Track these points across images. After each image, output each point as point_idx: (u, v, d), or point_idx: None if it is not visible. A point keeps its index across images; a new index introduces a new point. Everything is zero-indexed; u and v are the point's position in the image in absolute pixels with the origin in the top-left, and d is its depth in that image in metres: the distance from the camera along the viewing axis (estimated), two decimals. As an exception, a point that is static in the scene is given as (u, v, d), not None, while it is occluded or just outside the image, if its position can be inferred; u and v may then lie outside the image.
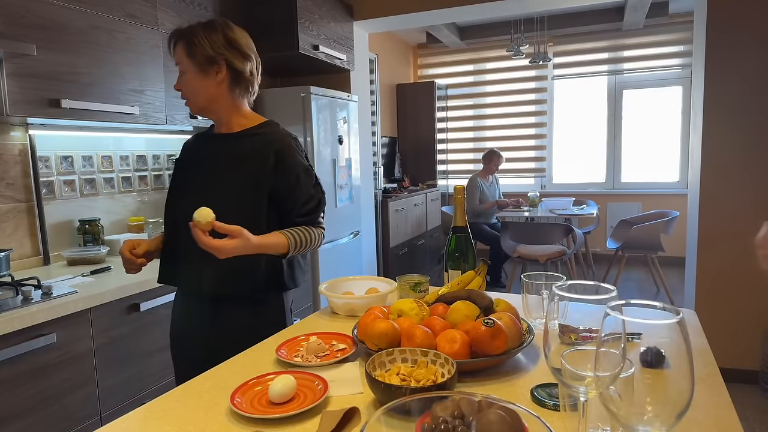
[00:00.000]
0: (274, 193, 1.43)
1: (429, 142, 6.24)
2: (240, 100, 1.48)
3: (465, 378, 1.00)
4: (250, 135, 1.47)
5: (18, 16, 1.80)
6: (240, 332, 1.40)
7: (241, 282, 1.42)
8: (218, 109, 1.47)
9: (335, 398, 0.94)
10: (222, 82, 1.43)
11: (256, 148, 1.44)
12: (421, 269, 5.45)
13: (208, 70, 1.41)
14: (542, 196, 5.76)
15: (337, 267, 3.33)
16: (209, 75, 1.41)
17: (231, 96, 1.46)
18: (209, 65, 1.40)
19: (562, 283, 0.71)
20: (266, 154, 1.42)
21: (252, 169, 1.42)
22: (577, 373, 0.65)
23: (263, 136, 1.46)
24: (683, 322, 0.54)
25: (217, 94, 1.44)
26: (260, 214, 1.41)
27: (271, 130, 1.48)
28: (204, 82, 1.41)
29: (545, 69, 6.25)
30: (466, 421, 0.59)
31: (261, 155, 1.42)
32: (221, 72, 1.42)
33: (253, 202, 1.41)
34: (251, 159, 1.43)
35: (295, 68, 3.54)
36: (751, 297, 2.93)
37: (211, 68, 1.41)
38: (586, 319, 0.67)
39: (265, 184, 1.41)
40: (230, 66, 1.42)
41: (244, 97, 1.49)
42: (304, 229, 1.47)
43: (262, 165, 1.41)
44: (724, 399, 0.88)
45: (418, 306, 1.19)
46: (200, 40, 1.39)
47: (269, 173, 1.41)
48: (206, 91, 1.42)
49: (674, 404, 0.54)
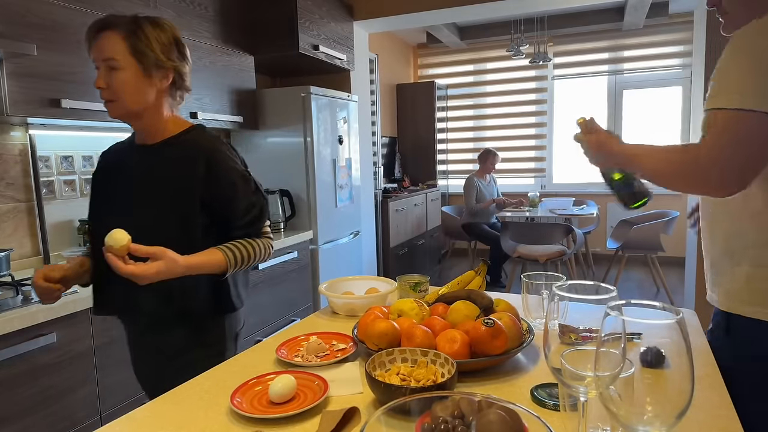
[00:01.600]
0: (209, 206, 1.29)
1: (429, 142, 6.23)
2: (173, 108, 1.36)
3: (465, 378, 1.00)
4: (176, 143, 1.33)
5: (18, 15, 1.80)
6: (184, 360, 1.30)
7: (182, 304, 1.29)
8: (149, 116, 1.31)
9: (335, 398, 0.94)
10: (163, 90, 1.30)
11: (183, 156, 1.30)
12: (421, 269, 5.45)
13: (153, 75, 1.26)
14: (542, 196, 5.76)
15: (337, 267, 3.33)
16: (152, 80, 1.27)
17: (167, 104, 1.33)
18: (156, 70, 1.26)
19: (562, 283, 0.71)
20: (195, 162, 1.28)
21: (180, 180, 1.28)
22: (577, 373, 0.65)
23: (190, 142, 1.32)
24: (683, 322, 0.54)
25: (154, 102, 1.29)
26: (192, 230, 1.28)
27: (197, 136, 1.34)
28: (145, 86, 1.26)
29: (545, 69, 6.25)
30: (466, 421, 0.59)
31: (189, 164, 1.28)
32: (167, 79, 1.29)
33: (184, 217, 1.28)
34: (179, 169, 1.29)
35: (295, 68, 3.54)
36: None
37: (157, 73, 1.27)
38: (586, 319, 0.67)
39: (195, 196, 1.27)
40: (177, 73, 1.30)
41: (177, 104, 1.37)
42: (245, 242, 1.33)
43: (190, 175, 1.27)
44: (724, 399, 0.88)
45: (418, 306, 1.19)
46: (149, 40, 1.25)
47: (200, 183, 1.27)
48: (144, 97, 1.27)
49: (674, 404, 0.54)
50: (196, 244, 1.26)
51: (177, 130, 1.34)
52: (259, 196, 1.37)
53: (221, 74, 2.75)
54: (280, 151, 3.11)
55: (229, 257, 1.28)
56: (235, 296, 1.37)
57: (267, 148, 3.15)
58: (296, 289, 2.92)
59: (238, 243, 1.32)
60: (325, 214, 3.18)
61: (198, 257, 1.23)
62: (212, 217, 1.31)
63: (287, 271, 2.83)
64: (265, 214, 1.39)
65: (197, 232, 1.28)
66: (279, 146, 3.11)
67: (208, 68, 2.66)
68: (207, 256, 1.25)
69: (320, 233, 3.12)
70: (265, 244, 1.38)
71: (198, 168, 1.28)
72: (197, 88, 2.57)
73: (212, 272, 1.27)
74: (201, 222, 1.29)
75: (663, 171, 1.07)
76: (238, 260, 1.30)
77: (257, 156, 3.17)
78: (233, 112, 2.84)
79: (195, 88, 2.55)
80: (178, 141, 1.33)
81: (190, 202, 1.27)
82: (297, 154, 3.07)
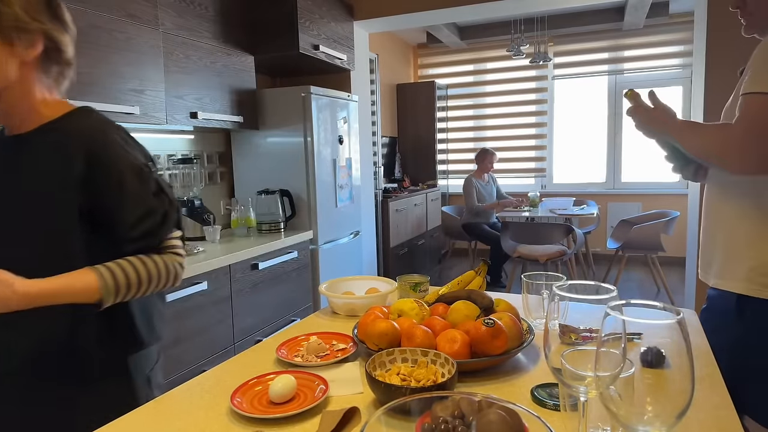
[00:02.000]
0: (93, 212, 1.02)
1: (429, 142, 6.24)
2: (49, 88, 1.06)
3: (465, 378, 1.00)
4: (49, 130, 1.03)
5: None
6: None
7: (58, 353, 1.02)
8: (12, 98, 1.01)
9: (335, 398, 0.94)
10: (30, 62, 1.00)
11: (57, 147, 1.01)
12: (422, 269, 5.45)
13: (14, 43, 0.97)
14: (542, 196, 5.76)
15: (337, 267, 3.33)
16: (14, 49, 0.98)
17: (37, 81, 1.03)
18: (17, 35, 0.97)
19: (563, 283, 0.71)
20: (71, 154, 1.00)
21: (49, 179, 1.00)
22: (577, 373, 0.65)
23: (68, 130, 1.03)
24: (683, 322, 0.54)
25: (18, 78, 1.00)
26: (66, 246, 1.01)
27: (78, 120, 1.04)
28: (3, 57, 0.97)
29: (545, 69, 6.25)
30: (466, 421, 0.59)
31: (63, 157, 1.00)
32: (33, 48, 1.00)
33: (53, 229, 1.00)
34: (49, 164, 1.01)
35: (295, 68, 3.54)
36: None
37: (19, 40, 0.97)
38: (586, 319, 0.67)
39: (70, 200, 1.00)
40: (49, 40, 1.01)
41: (56, 85, 1.08)
42: (137, 260, 1.03)
43: (64, 173, 1.00)
44: (724, 399, 0.88)
45: (419, 306, 1.19)
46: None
47: (76, 182, 1.00)
48: (3, 71, 0.97)
49: (674, 404, 0.54)
50: (73, 263, 0.99)
51: (54, 114, 1.05)
52: (163, 200, 1.07)
53: (221, 74, 2.75)
54: (280, 151, 3.11)
55: (106, 281, 0.98)
56: (144, 326, 1.08)
57: (267, 148, 3.14)
58: (296, 289, 2.92)
59: (125, 262, 1.02)
60: (325, 214, 3.18)
61: (52, 282, 0.94)
62: (97, 228, 1.02)
63: (287, 271, 2.83)
64: (169, 224, 1.08)
65: (74, 248, 1.01)
66: (279, 146, 3.11)
67: (209, 68, 2.66)
68: (69, 279, 0.96)
69: (320, 233, 3.12)
70: (167, 263, 1.06)
71: (74, 162, 1.00)
72: (197, 87, 2.57)
73: (80, 300, 0.97)
74: (81, 235, 1.01)
75: (700, 145, 1.20)
76: (120, 285, 0.99)
77: (257, 156, 3.17)
78: (233, 112, 2.84)
79: (195, 87, 2.55)
80: (53, 128, 1.04)
81: (64, 209, 1.00)
82: (297, 154, 3.07)
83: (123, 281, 1.00)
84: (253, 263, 2.53)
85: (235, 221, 2.91)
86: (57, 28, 1.03)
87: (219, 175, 3.20)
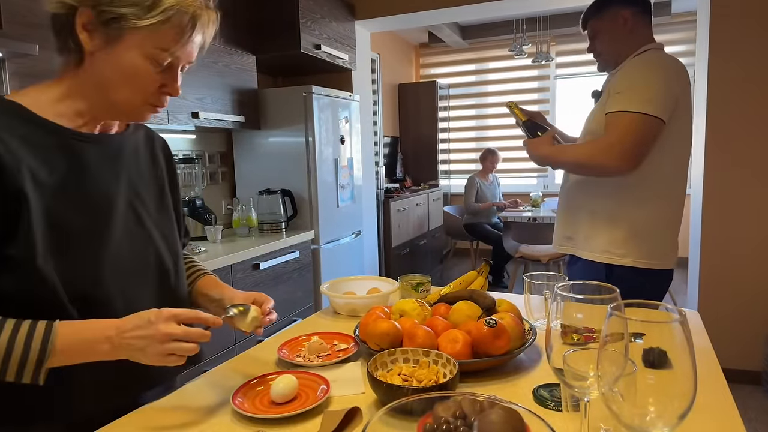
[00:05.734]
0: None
1: (431, 141, 6.23)
2: None
3: (467, 378, 0.99)
4: (136, 129, 1.05)
5: (20, 15, 1.80)
6: None
7: None
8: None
9: (337, 398, 0.94)
10: None
11: (150, 147, 1.08)
12: (423, 269, 5.45)
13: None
14: (544, 196, 5.75)
15: (338, 267, 3.33)
16: None
17: None
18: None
19: (565, 284, 0.70)
20: (156, 154, 1.09)
21: (155, 178, 1.06)
22: (579, 373, 0.65)
23: (145, 129, 1.09)
24: (686, 322, 0.54)
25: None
26: (178, 244, 1.10)
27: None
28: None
29: (547, 68, 6.24)
30: (467, 422, 0.59)
31: (152, 156, 1.07)
32: None
33: (171, 230, 1.07)
34: (148, 164, 1.05)
35: (296, 68, 3.54)
36: (754, 297, 2.92)
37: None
38: (588, 319, 0.66)
39: (167, 197, 1.08)
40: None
41: None
42: None
43: (157, 170, 1.07)
44: (726, 400, 0.88)
45: (420, 306, 1.19)
46: None
47: (165, 179, 1.09)
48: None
49: (677, 405, 0.54)
50: (180, 266, 1.08)
51: None
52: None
53: (223, 74, 2.75)
54: (281, 150, 3.11)
55: None
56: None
57: (269, 148, 3.15)
58: (298, 289, 2.92)
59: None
60: (326, 213, 3.18)
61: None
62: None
63: (288, 271, 2.83)
64: None
65: (179, 246, 1.09)
66: (281, 146, 3.11)
67: (210, 68, 2.66)
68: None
69: (322, 233, 3.12)
70: None
71: (160, 160, 1.09)
72: (199, 87, 2.57)
73: None
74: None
75: (576, 162, 1.59)
76: None
77: (259, 156, 3.17)
78: (235, 111, 2.84)
79: (196, 87, 2.55)
80: (137, 127, 1.07)
81: (168, 206, 1.08)
82: (299, 154, 3.07)
83: None
84: (255, 263, 2.53)
85: (237, 221, 2.91)
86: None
87: (220, 174, 3.20)
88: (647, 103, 1.43)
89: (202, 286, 1.13)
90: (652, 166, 1.50)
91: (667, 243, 1.60)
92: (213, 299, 1.09)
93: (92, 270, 0.88)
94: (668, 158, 1.52)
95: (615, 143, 1.45)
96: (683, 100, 1.51)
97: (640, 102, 1.44)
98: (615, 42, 1.63)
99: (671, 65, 1.52)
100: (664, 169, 1.53)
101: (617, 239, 1.56)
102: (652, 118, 1.43)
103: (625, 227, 1.55)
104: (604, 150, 1.48)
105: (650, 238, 1.56)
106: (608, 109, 1.50)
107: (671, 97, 1.46)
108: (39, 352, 0.77)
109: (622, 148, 1.44)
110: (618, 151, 1.44)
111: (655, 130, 1.45)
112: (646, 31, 1.62)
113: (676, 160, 1.55)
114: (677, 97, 1.48)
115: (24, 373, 0.78)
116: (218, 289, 1.10)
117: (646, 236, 1.55)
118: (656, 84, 1.46)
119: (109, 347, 0.80)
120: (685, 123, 1.54)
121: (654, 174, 1.52)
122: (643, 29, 1.62)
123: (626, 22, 1.60)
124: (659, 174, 1.53)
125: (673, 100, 1.47)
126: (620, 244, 1.55)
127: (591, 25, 1.68)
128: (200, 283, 1.14)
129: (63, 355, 0.79)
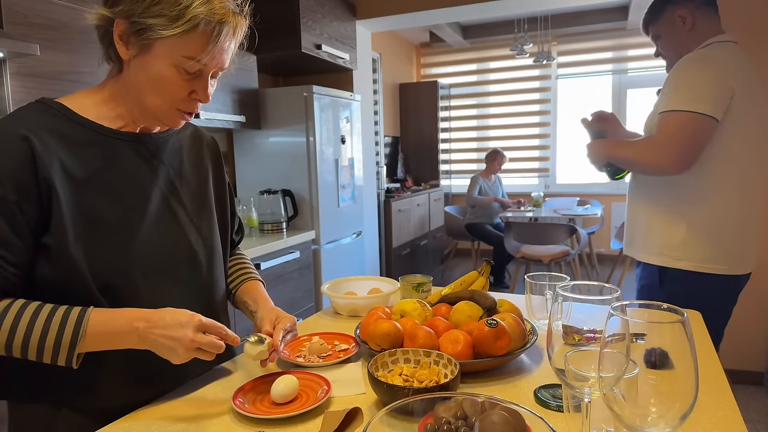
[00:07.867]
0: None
1: (432, 141, 6.23)
2: None
3: (468, 379, 0.99)
4: (183, 127, 1.10)
5: (21, 15, 1.80)
6: None
7: None
8: None
9: (338, 398, 0.94)
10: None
11: (197, 143, 1.13)
12: (424, 270, 5.45)
13: None
14: (546, 196, 5.75)
15: (339, 267, 3.33)
16: None
17: None
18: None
19: (566, 284, 0.70)
20: (204, 151, 1.12)
21: (205, 176, 1.12)
22: (580, 374, 0.65)
23: (193, 126, 1.16)
24: (687, 322, 0.54)
25: None
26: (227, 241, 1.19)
27: None
28: None
29: (549, 68, 6.23)
30: (468, 422, 0.59)
31: (199, 153, 1.12)
32: None
33: (223, 227, 1.16)
34: (199, 160, 1.12)
35: (297, 67, 3.54)
36: (755, 297, 2.91)
37: None
38: (589, 319, 0.66)
39: (211, 194, 1.12)
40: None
41: None
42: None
43: (205, 167, 1.12)
44: (728, 400, 0.87)
45: (421, 306, 1.18)
46: None
47: (211, 176, 1.12)
48: None
49: (678, 405, 0.54)
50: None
51: None
52: None
53: (223, 73, 2.75)
54: (282, 150, 3.11)
55: None
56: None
57: (269, 148, 3.15)
58: (298, 290, 2.92)
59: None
60: (327, 214, 3.18)
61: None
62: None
63: (289, 271, 2.83)
64: None
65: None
66: (281, 146, 3.11)
67: (211, 68, 2.66)
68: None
69: (323, 233, 3.12)
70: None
71: (206, 157, 1.14)
72: (200, 87, 2.57)
73: None
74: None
75: (631, 158, 1.56)
76: None
77: (259, 156, 3.17)
78: (235, 111, 2.84)
79: (198, 87, 2.56)
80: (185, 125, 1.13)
81: (213, 203, 1.13)
82: (299, 154, 3.07)
83: None
84: (255, 263, 2.53)
85: (238, 221, 2.91)
86: None
87: (222, 174, 3.20)
88: (694, 102, 1.40)
89: (244, 292, 1.18)
90: (711, 161, 1.45)
91: (735, 245, 1.49)
92: (249, 309, 1.15)
93: (120, 261, 0.91)
94: (727, 153, 1.46)
95: (662, 142, 1.44)
96: (743, 92, 1.45)
97: (686, 100, 1.41)
98: (676, 42, 1.59)
99: (724, 58, 1.46)
100: (725, 164, 1.47)
101: (674, 241, 1.50)
102: (700, 116, 1.40)
103: (684, 226, 1.49)
104: (651, 148, 1.48)
105: (711, 240, 1.47)
106: (659, 108, 1.49)
107: (724, 92, 1.42)
108: (72, 334, 0.83)
109: (668, 147, 1.43)
110: (665, 150, 1.43)
111: (706, 127, 1.41)
112: (711, 25, 1.55)
113: (740, 155, 1.49)
114: (733, 91, 1.43)
115: (59, 355, 0.83)
116: (255, 300, 1.15)
117: (706, 237, 1.47)
118: (704, 80, 1.42)
119: (136, 338, 0.86)
120: (749, 114, 1.48)
121: (712, 170, 1.46)
122: (707, 23, 1.55)
123: (685, 21, 1.55)
124: (719, 170, 1.47)
125: (728, 95, 1.42)
126: (677, 246, 1.49)
127: (651, 29, 1.66)
128: (243, 288, 1.19)
129: (92, 339, 0.84)
